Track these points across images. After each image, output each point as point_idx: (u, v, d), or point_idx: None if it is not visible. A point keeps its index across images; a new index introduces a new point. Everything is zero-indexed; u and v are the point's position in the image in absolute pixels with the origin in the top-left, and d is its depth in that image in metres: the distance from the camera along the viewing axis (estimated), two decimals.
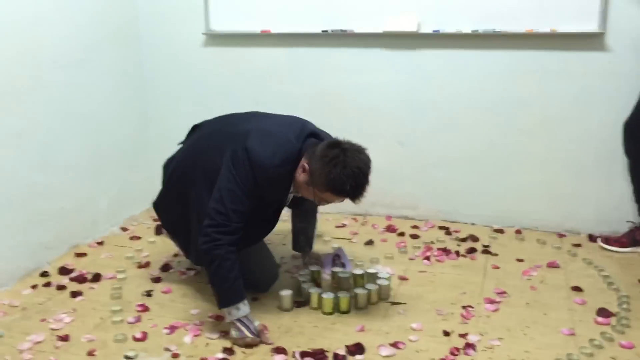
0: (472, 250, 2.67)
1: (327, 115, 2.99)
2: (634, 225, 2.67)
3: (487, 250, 2.67)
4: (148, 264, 2.58)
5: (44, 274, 2.47)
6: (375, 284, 2.22)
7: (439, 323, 2.06)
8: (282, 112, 2.26)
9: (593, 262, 2.56)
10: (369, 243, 2.79)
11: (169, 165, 2.31)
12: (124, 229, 3.01)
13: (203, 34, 3.09)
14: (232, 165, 1.97)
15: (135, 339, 1.97)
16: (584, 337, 1.95)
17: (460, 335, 1.97)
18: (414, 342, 1.95)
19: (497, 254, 2.64)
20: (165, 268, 2.54)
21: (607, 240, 2.70)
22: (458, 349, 1.89)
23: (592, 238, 2.79)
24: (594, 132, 2.76)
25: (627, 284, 2.33)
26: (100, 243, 2.83)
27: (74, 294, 2.29)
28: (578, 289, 2.29)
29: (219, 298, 1.98)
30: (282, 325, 2.06)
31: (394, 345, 1.92)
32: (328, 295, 2.14)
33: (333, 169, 1.88)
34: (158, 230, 2.92)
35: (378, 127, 3.03)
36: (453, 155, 2.98)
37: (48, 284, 2.39)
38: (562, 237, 2.84)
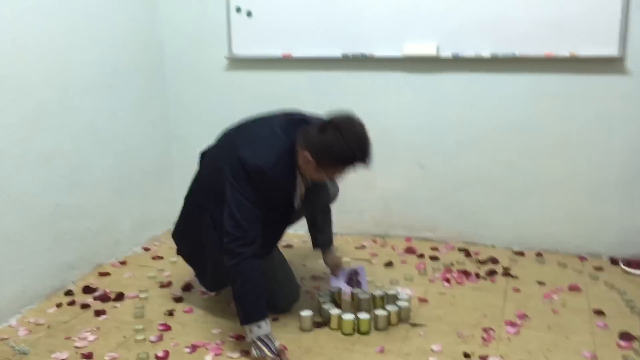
0: (492, 273, 2.66)
1: None
2: None
3: (507, 273, 2.66)
4: (170, 284, 2.62)
5: (69, 293, 2.52)
6: (395, 305, 2.23)
7: (459, 345, 2.05)
8: None
9: (615, 285, 2.53)
10: (389, 264, 2.80)
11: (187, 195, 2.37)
12: (147, 249, 3.06)
13: (226, 58, 3.16)
14: (233, 180, 2.02)
15: (157, 358, 2.00)
16: None
17: (481, 358, 1.96)
18: None
19: (517, 277, 2.63)
20: (187, 288, 2.57)
21: (629, 264, 2.67)
22: None
23: (613, 261, 2.77)
24: (615, 155, 2.76)
25: None
26: (123, 263, 2.87)
27: (98, 313, 2.33)
28: (600, 313, 2.27)
29: (242, 314, 2.00)
30: (302, 346, 2.07)
31: None
32: (348, 317, 2.15)
33: (336, 147, 1.92)
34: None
35: (398, 149, 3.06)
36: (473, 178, 2.99)
37: (72, 303, 2.43)
38: (583, 260, 2.82)
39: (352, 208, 3.07)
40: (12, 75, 2.30)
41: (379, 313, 2.18)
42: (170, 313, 2.34)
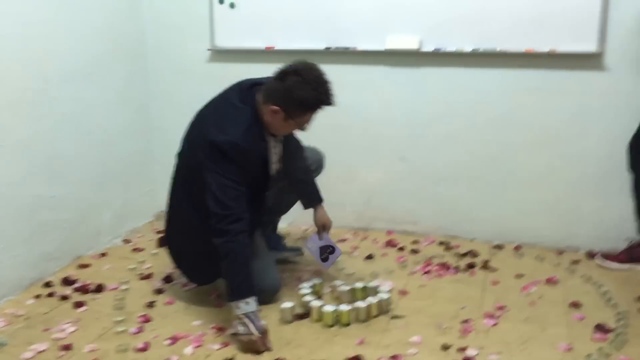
0: (471, 266, 2.69)
1: (329, 132, 3.04)
2: (633, 242, 2.69)
3: (486, 266, 2.69)
4: (150, 276, 2.61)
5: (48, 284, 2.50)
6: (376, 298, 2.25)
7: (438, 337, 2.08)
8: None
9: (592, 278, 2.58)
10: (369, 257, 2.81)
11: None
12: (127, 241, 3.04)
13: (208, 50, 3.15)
14: (210, 164, 2.06)
15: (137, 350, 2.00)
16: (582, 352, 1.97)
17: (459, 349, 1.99)
18: (413, 355, 1.97)
19: (496, 270, 2.66)
20: (168, 280, 2.56)
21: (605, 257, 2.72)
22: None
23: (591, 254, 2.81)
24: (593, 150, 2.80)
25: (625, 300, 2.35)
26: (104, 254, 2.86)
27: (77, 305, 2.32)
28: (576, 305, 2.31)
29: (231, 290, 2.05)
30: (282, 338, 2.08)
31: (394, 358, 1.94)
32: (329, 308, 2.16)
33: (300, 90, 2.02)
34: (161, 243, 2.95)
35: (380, 143, 3.07)
36: (454, 172, 3.02)
37: (51, 294, 2.41)
38: (561, 253, 2.86)
39: (333, 201, 3.05)
40: None
41: (360, 305, 2.19)
42: (151, 305, 2.33)
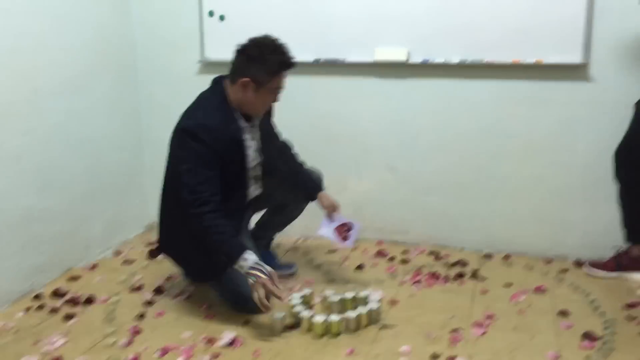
0: (461, 275, 2.71)
1: (319, 143, 3.08)
2: (620, 250, 2.72)
3: (475, 275, 2.71)
4: (141, 287, 2.61)
5: (38, 297, 2.49)
6: (366, 308, 2.26)
7: (428, 346, 2.09)
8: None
9: (580, 286, 2.60)
10: (360, 267, 2.83)
11: None
12: (118, 253, 3.04)
13: (198, 62, 3.17)
14: (179, 151, 2.20)
15: None
16: None
17: (448, 358, 2.00)
18: None
19: (485, 279, 2.68)
20: (158, 291, 2.56)
21: (593, 265, 2.75)
22: None
23: (578, 263, 2.84)
24: (580, 159, 2.83)
25: (612, 309, 2.38)
26: (94, 267, 2.85)
27: (67, 317, 2.31)
28: (564, 314, 2.33)
29: (225, 258, 2.15)
30: (273, 348, 2.08)
31: None
32: (319, 319, 2.17)
33: (262, 56, 2.19)
34: (151, 255, 2.95)
35: (370, 153, 3.10)
36: (443, 182, 3.04)
37: (41, 307, 2.41)
38: (549, 262, 2.88)
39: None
40: None
41: (350, 315, 2.20)
42: (141, 316, 2.33)
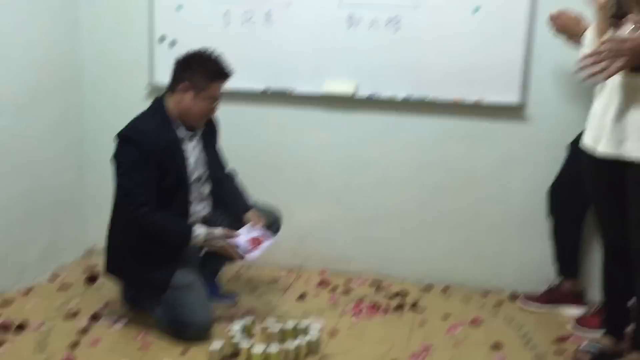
0: (401, 306, 2.75)
1: (266, 172, 3.10)
2: (552, 284, 2.83)
3: (415, 306, 2.76)
4: (77, 314, 2.54)
5: None
6: (305, 338, 2.26)
7: None
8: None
9: (514, 319, 2.68)
10: (302, 297, 2.84)
11: None
12: (54, 278, 2.95)
13: (147, 86, 3.16)
14: (114, 158, 2.31)
15: None
16: None
17: None
18: None
19: (425, 310, 2.74)
20: (95, 318, 2.50)
21: (527, 298, 2.84)
22: None
23: (514, 296, 2.93)
24: (516, 196, 2.95)
25: (543, 342, 2.46)
26: (28, 291, 2.76)
27: None
28: (498, 346, 2.40)
29: (178, 242, 2.29)
30: None
31: None
32: (258, 349, 2.16)
33: (202, 63, 2.34)
34: (90, 280, 2.89)
35: (315, 184, 3.13)
36: (386, 213, 3.10)
37: None
38: (486, 294, 2.96)
39: None
40: None
41: (289, 346, 2.21)
42: (75, 345, 2.27)
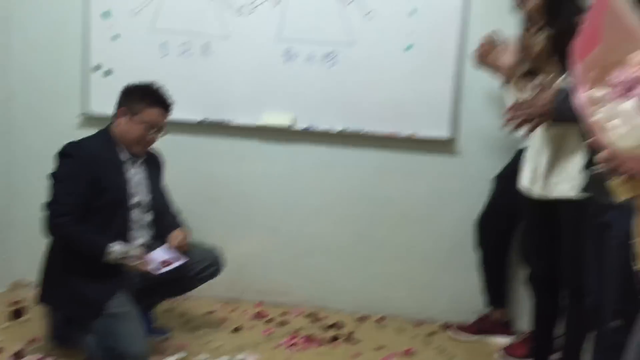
0: (335, 338, 2.76)
1: (202, 204, 3.08)
2: (482, 315, 2.91)
3: (350, 338, 2.78)
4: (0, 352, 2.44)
5: None
6: None
7: None
8: None
9: (445, 349, 2.74)
10: (237, 330, 2.81)
11: None
12: None
13: (79, 115, 3.10)
14: (52, 173, 2.36)
15: None
16: None
17: None
18: None
19: (359, 341, 2.76)
20: (18, 356, 2.40)
21: (458, 328, 2.91)
22: None
23: (446, 326, 2.99)
24: (448, 228, 3.03)
25: None
26: None
27: None
28: None
29: (94, 255, 2.26)
30: None
31: None
32: None
33: (141, 91, 2.44)
34: (14, 316, 2.77)
35: (252, 215, 3.13)
36: (323, 245, 3.13)
37: None
38: (419, 325, 3.01)
39: None
40: None
41: None
42: None
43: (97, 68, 3.06)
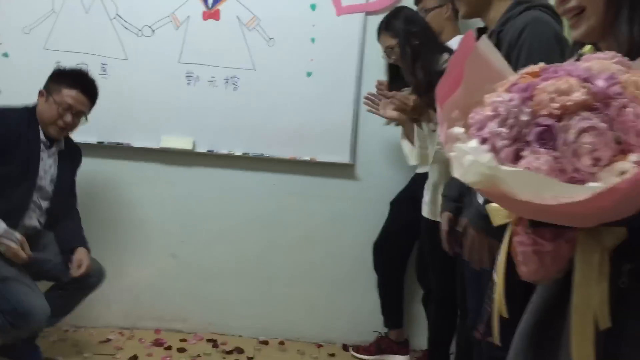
0: None
1: (99, 229, 2.97)
2: (380, 335, 2.98)
3: None
4: None
5: None
6: None
7: None
8: None
9: None
10: (134, 359, 2.72)
11: None
12: None
13: None
14: None
15: None
16: None
17: None
18: None
19: None
20: None
21: (357, 349, 2.96)
22: None
23: (345, 347, 3.04)
24: (348, 250, 3.10)
25: None
26: None
27: None
28: None
29: None
30: None
31: None
32: None
33: (62, 73, 2.47)
34: None
35: (151, 240, 3.06)
36: (223, 269, 3.10)
37: None
38: (320, 347, 3.05)
39: (97, 299, 2.91)
40: None
41: None
42: None
43: None
